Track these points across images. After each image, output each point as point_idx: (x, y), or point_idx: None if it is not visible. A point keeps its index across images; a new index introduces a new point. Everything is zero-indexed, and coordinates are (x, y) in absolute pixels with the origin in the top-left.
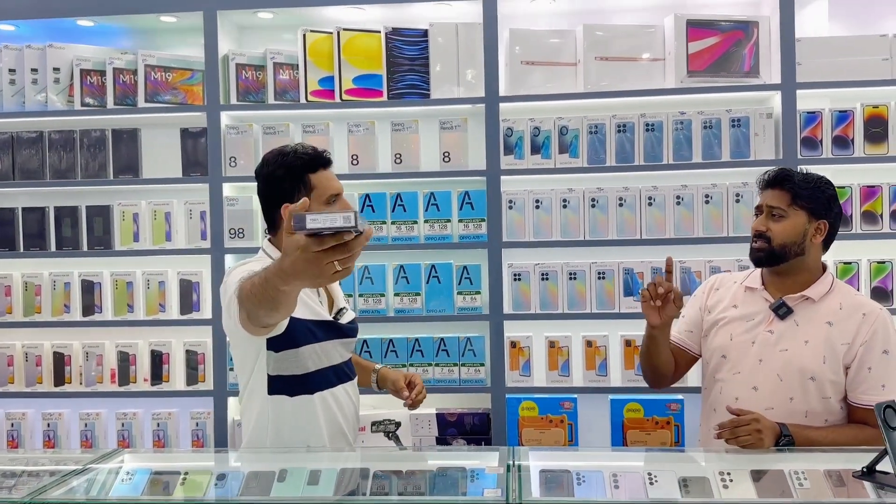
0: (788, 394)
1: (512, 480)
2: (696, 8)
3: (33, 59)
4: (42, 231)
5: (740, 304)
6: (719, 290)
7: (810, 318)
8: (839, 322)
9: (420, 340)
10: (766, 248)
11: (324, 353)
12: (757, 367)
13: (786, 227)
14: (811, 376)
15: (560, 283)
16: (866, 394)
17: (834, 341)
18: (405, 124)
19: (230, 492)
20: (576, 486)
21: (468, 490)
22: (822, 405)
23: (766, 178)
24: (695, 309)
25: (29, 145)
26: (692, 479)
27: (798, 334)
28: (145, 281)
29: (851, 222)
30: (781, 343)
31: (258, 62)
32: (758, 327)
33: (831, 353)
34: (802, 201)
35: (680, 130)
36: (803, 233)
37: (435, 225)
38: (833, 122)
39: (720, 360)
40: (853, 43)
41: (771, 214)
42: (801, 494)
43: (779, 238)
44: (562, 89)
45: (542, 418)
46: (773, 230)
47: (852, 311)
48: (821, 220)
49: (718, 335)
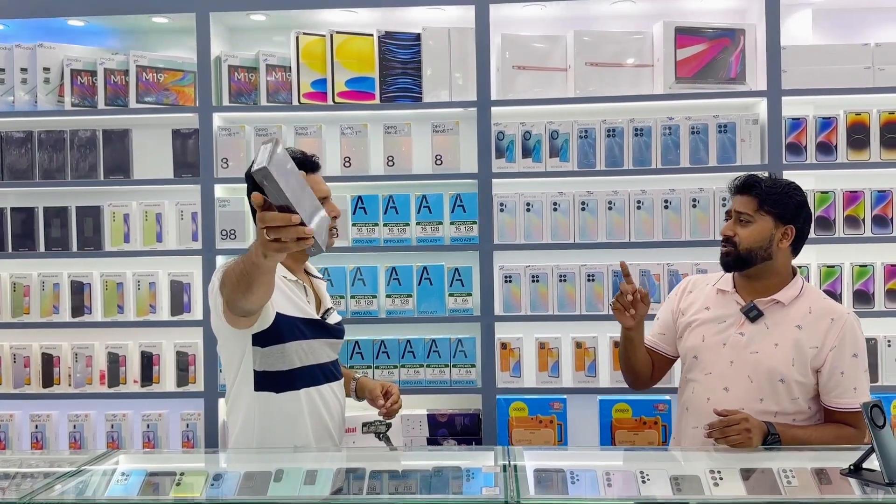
0: (758, 395)
1: (509, 479)
2: (685, 15)
3: (23, 59)
4: (31, 231)
5: (712, 307)
6: (692, 292)
7: (780, 322)
8: (808, 326)
9: (412, 342)
10: (732, 253)
11: (310, 350)
12: (728, 368)
13: (752, 233)
14: (780, 378)
15: (550, 285)
16: (841, 397)
17: (803, 345)
18: (397, 127)
19: (227, 492)
20: (570, 484)
21: (465, 489)
22: (791, 406)
23: (735, 184)
24: (667, 312)
25: (18, 145)
26: (683, 477)
27: (768, 337)
28: (136, 282)
29: (834, 227)
30: (752, 345)
31: (250, 64)
32: (729, 329)
33: (800, 356)
34: (768, 206)
35: (668, 135)
36: (769, 238)
37: (427, 227)
38: (817, 128)
39: (692, 361)
40: (837, 51)
41: (739, 219)
42: (790, 492)
43: (745, 243)
44: (552, 94)
45: (532, 419)
46: (739, 235)
47: (821, 316)
48: (787, 225)
49: (691, 336)
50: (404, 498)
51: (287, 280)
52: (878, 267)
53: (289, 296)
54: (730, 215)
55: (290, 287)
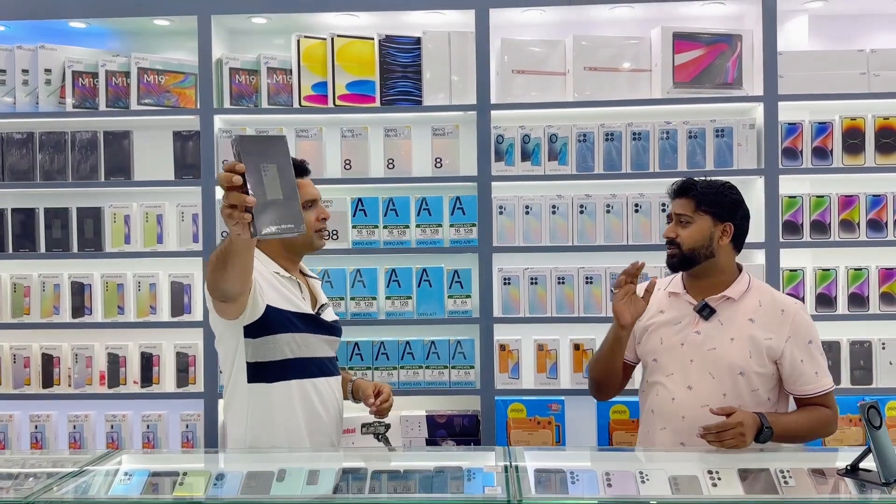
0: (721, 390)
1: (510, 479)
2: (682, 21)
3: (24, 60)
4: (32, 232)
5: (666, 310)
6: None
7: (733, 317)
8: (760, 318)
9: (411, 343)
10: (677, 254)
11: (303, 342)
12: (689, 367)
13: (692, 233)
14: (740, 371)
15: (549, 287)
16: (806, 384)
17: (757, 336)
18: (398, 130)
19: (230, 491)
20: (570, 484)
21: (467, 489)
22: (751, 398)
23: (673, 188)
24: None
25: (19, 146)
26: (682, 477)
27: (723, 333)
28: (136, 283)
29: (829, 230)
30: (709, 342)
31: (251, 66)
32: (685, 329)
33: (756, 348)
34: (706, 206)
35: (666, 139)
36: (710, 236)
37: (426, 229)
38: (813, 133)
39: (653, 364)
40: (832, 57)
41: (679, 221)
42: (787, 492)
43: (687, 242)
44: (551, 98)
45: (531, 420)
46: (681, 236)
47: (771, 308)
48: (725, 222)
49: (650, 340)
50: (407, 497)
51: (280, 276)
52: (872, 270)
53: (281, 291)
54: (671, 219)
55: (283, 283)
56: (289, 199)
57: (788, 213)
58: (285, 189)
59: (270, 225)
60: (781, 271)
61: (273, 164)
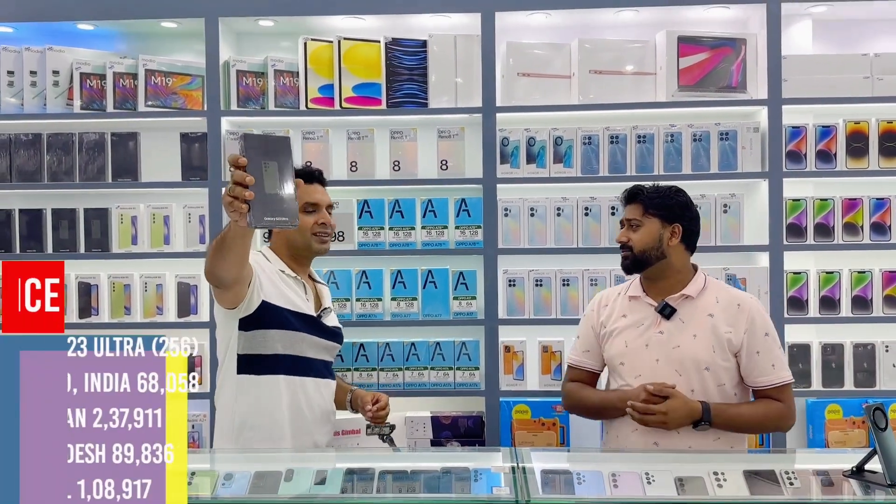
0: (689, 386)
1: (518, 480)
2: (687, 25)
3: (32, 62)
4: (39, 233)
5: (628, 313)
6: (607, 305)
7: (693, 314)
8: (719, 313)
9: (416, 344)
10: (630, 256)
11: (296, 340)
12: (655, 366)
13: (642, 235)
14: (706, 366)
15: (554, 289)
16: (761, 375)
17: (718, 330)
18: (404, 132)
19: (238, 491)
20: (576, 485)
21: (474, 489)
22: (718, 393)
23: (624, 195)
24: (587, 328)
25: (27, 147)
26: (687, 478)
27: (685, 330)
28: (143, 283)
29: (833, 233)
30: (672, 341)
31: (258, 69)
32: (648, 330)
33: (718, 342)
34: (653, 209)
35: (670, 142)
36: (659, 237)
37: (432, 231)
38: (817, 136)
39: (620, 368)
40: (836, 61)
41: (630, 225)
42: (792, 493)
43: (638, 245)
44: (557, 101)
45: (535, 421)
46: (632, 239)
47: (728, 304)
48: (674, 223)
49: (614, 345)
50: (414, 497)
51: (285, 275)
52: (876, 273)
53: (282, 288)
54: (623, 224)
55: (286, 281)
56: (286, 194)
57: (792, 215)
58: (283, 185)
59: (265, 216)
60: (785, 274)
61: (274, 161)
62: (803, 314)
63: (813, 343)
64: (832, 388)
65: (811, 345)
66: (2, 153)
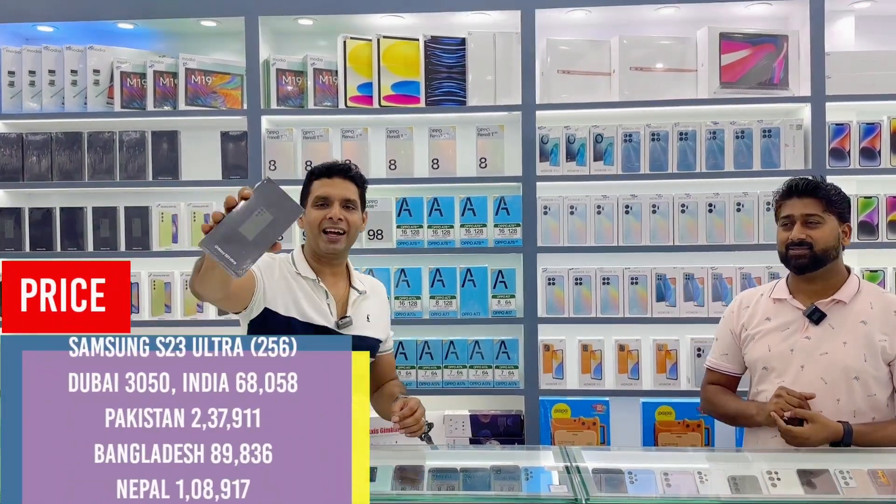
0: (835, 395)
1: (573, 478)
2: (728, 21)
3: (73, 61)
4: (80, 231)
5: (773, 316)
6: (749, 307)
7: (844, 320)
8: (873, 320)
9: (455, 343)
10: (808, 254)
11: None
12: (800, 373)
13: (825, 233)
14: (855, 376)
15: (593, 287)
16: None
17: (872, 338)
18: (442, 130)
19: None
20: (629, 484)
21: (529, 487)
22: (867, 403)
23: (792, 188)
24: (726, 331)
25: (67, 146)
26: (741, 477)
27: (835, 336)
28: (183, 282)
29: (878, 231)
30: (821, 347)
31: (298, 68)
32: (794, 335)
33: (871, 351)
34: (835, 207)
35: (712, 140)
36: (838, 237)
37: (471, 229)
38: (860, 133)
39: (762, 372)
40: (880, 58)
41: (807, 222)
42: (847, 492)
43: (821, 243)
44: (597, 98)
45: (575, 420)
46: (813, 236)
47: (884, 309)
48: (846, 223)
49: (756, 348)
50: (471, 495)
51: (302, 278)
52: None
53: (294, 295)
54: (789, 220)
55: (301, 286)
56: (253, 245)
57: None
58: (258, 237)
59: (217, 245)
60: None
61: (270, 215)
62: None
63: None
64: None
65: None
66: (43, 152)
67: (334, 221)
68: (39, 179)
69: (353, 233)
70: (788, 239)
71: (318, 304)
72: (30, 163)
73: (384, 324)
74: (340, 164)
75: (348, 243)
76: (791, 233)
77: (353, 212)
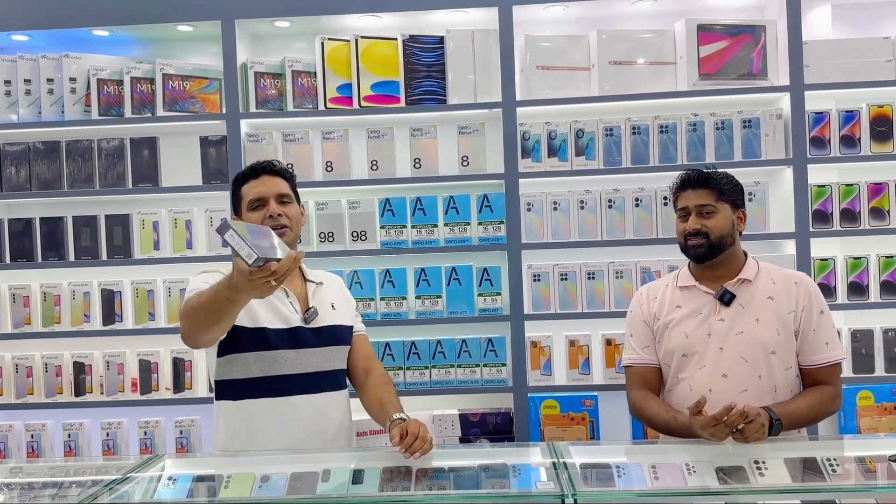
0: (756, 372)
1: (561, 474)
2: (705, 13)
3: (49, 70)
4: (60, 241)
5: (683, 304)
6: (657, 298)
7: (752, 298)
8: (777, 294)
9: (442, 342)
10: (705, 243)
11: (275, 360)
12: (720, 355)
13: (719, 221)
14: (772, 350)
15: (579, 283)
16: (815, 354)
17: (781, 312)
18: (423, 129)
19: (276, 492)
20: (617, 478)
21: (518, 484)
22: (784, 377)
23: (685, 180)
24: (639, 324)
25: (45, 155)
26: (728, 468)
27: (748, 315)
28: (166, 289)
29: (860, 219)
30: (736, 327)
31: (276, 70)
32: (708, 319)
33: (781, 324)
34: (726, 195)
35: (693, 132)
36: (732, 223)
37: (455, 228)
38: (840, 121)
39: (681, 360)
40: (858, 45)
41: (701, 212)
42: (835, 479)
43: (716, 231)
44: (577, 93)
45: (564, 416)
46: (708, 226)
47: (785, 283)
48: (739, 209)
49: (673, 336)
50: (459, 494)
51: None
52: None
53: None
54: (685, 211)
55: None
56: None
57: (818, 202)
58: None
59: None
60: (812, 261)
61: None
62: (832, 301)
63: (842, 330)
64: (862, 374)
65: (840, 332)
66: (21, 162)
67: (275, 218)
68: (18, 190)
69: (295, 227)
70: (685, 230)
71: (278, 306)
72: (8, 173)
73: (349, 310)
74: (263, 163)
75: (294, 237)
76: (687, 224)
77: (289, 205)
